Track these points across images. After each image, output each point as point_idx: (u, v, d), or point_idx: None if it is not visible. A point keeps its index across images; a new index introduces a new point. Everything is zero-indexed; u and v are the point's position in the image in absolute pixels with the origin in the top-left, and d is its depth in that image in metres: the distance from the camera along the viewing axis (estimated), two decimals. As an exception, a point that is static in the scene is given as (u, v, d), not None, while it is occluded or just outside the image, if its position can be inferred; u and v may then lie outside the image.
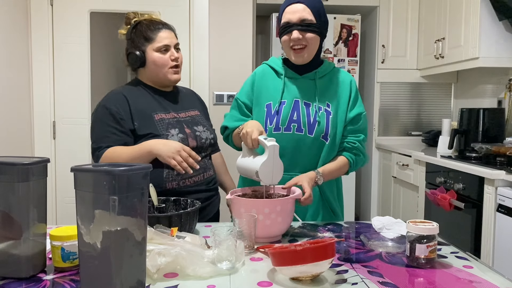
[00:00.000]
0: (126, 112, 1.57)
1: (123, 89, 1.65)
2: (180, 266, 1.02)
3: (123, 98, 1.59)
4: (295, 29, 1.48)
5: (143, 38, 1.62)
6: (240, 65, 3.15)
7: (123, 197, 0.88)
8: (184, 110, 1.70)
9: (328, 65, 1.62)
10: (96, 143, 1.57)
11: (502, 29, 2.70)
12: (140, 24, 1.64)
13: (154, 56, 1.61)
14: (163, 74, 1.63)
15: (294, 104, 1.54)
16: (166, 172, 1.53)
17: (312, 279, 1.00)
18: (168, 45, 1.63)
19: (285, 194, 1.40)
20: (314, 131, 1.52)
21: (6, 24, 2.68)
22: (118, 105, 1.57)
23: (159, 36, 1.62)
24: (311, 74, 1.58)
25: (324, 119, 1.53)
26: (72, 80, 3.03)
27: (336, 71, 1.63)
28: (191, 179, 1.59)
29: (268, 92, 1.59)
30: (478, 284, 0.99)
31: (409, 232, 1.11)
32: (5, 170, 0.99)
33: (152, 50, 1.62)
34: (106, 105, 1.58)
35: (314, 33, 1.50)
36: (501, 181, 2.13)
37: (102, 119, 1.57)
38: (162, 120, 1.59)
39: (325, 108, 1.54)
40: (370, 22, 3.83)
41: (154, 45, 1.61)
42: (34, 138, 3.01)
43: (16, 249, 1.00)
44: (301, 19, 1.48)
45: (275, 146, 1.35)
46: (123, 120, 1.56)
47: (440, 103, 3.74)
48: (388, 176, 3.53)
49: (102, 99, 1.63)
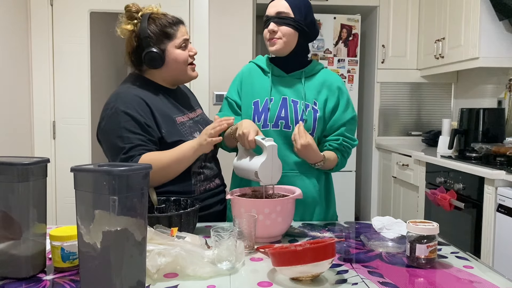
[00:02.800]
0: (151, 119, 1.44)
1: (136, 90, 1.49)
2: (180, 266, 1.02)
3: (143, 102, 1.45)
4: (271, 21, 1.52)
5: (163, 35, 1.50)
6: (240, 65, 3.10)
7: (123, 197, 0.88)
8: (191, 109, 1.65)
9: (316, 65, 1.63)
10: (126, 153, 1.39)
11: (502, 29, 2.70)
12: (158, 20, 1.51)
13: (176, 53, 1.52)
14: (183, 71, 1.55)
15: (282, 101, 1.56)
16: (194, 179, 1.52)
17: (312, 279, 1.00)
18: (187, 40, 1.56)
19: (285, 194, 1.40)
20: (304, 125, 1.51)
21: (6, 24, 2.68)
22: (140, 110, 1.43)
23: (180, 32, 1.53)
24: (297, 73, 1.59)
25: (311, 117, 1.54)
26: (72, 80, 3.03)
27: (325, 73, 1.63)
28: (214, 182, 1.58)
29: (254, 90, 1.59)
30: (478, 284, 0.99)
31: (409, 232, 1.11)
32: (5, 170, 0.99)
33: (173, 47, 1.51)
34: (126, 111, 1.41)
35: (289, 26, 1.51)
36: (501, 181, 2.12)
37: (126, 126, 1.40)
38: (183, 124, 1.53)
39: (312, 106, 1.55)
40: (370, 22, 3.83)
41: (175, 42, 1.51)
42: (34, 138, 3.01)
43: (16, 249, 1.00)
44: (277, 11, 1.52)
45: (273, 146, 1.35)
46: (151, 128, 1.43)
47: (440, 103, 3.75)
48: (388, 176, 3.53)
49: (117, 100, 1.44)
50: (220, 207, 1.60)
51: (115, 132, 1.41)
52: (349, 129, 1.59)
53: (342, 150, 1.58)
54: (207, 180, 1.55)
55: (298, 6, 1.53)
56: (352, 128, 1.61)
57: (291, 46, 1.55)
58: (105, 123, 1.45)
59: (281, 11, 1.52)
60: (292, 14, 1.52)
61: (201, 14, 3.07)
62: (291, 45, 1.55)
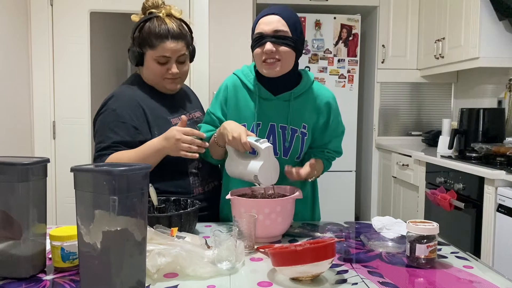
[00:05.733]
0: (141, 121, 1.46)
1: (133, 90, 1.52)
2: (180, 266, 1.02)
3: (136, 103, 1.48)
4: (268, 40, 1.39)
5: (145, 41, 1.48)
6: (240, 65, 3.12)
7: (123, 197, 0.88)
8: (190, 110, 1.65)
9: (306, 82, 1.52)
10: (99, 151, 1.44)
11: (502, 29, 2.70)
12: (149, 23, 1.48)
13: (150, 64, 1.50)
14: (158, 82, 1.54)
15: (270, 128, 1.49)
16: (192, 179, 1.52)
17: (312, 279, 1.00)
18: (169, 57, 1.49)
19: (285, 194, 1.40)
20: (289, 154, 1.50)
21: (6, 24, 2.68)
22: (130, 111, 1.45)
23: (162, 47, 1.47)
24: (285, 95, 1.48)
25: (299, 142, 1.50)
26: (72, 80, 3.03)
27: (315, 88, 1.53)
28: (213, 183, 1.58)
29: (241, 112, 1.50)
30: (478, 284, 0.99)
31: (409, 232, 1.11)
32: (5, 170, 0.99)
33: (151, 57, 1.49)
34: (116, 111, 1.45)
35: (288, 46, 1.40)
36: (501, 181, 2.12)
37: (110, 125, 1.44)
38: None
39: (300, 131, 1.50)
40: (370, 22, 3.83)
41: (154, 53, 1.48)
42: (34, 138, 3.01)
43: (16, 249, 1.00)
44: (275, 29, 1.39)
45: (269, 147, 1.33)
46: (137, 130, 1.45)
47: (440, 103, 3.75)
48: (388, 176, 3.53)
49: (111, 99, 1.49)
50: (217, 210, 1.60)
51: (100, 129, 1.47)
52: (335, 141, 1.58)
53: (328, 158, 1.58)
54: (204, 181, 1.55)
55: (293, 23, 1.42)
56: (339, 141, 1.60)
57: (287, 68, 1.45)
58: (97, 119, 1.50)
59: (279, 29, 1.39)
60: (290, 33, 1.40)
61: (201, 14, 3.07)
62: (289, 67, 1.45)
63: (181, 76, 1.56)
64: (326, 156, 1.58)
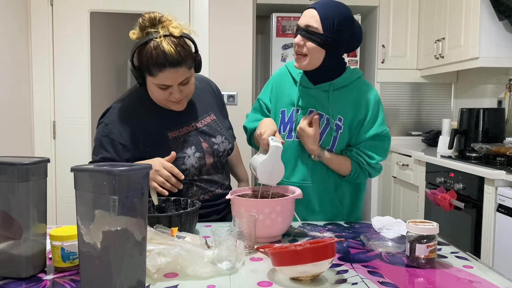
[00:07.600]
0: (132, 138, 1.46)
1: (132, 103, 1.52)
2: (180, 266, 1.02)
3: (130, 120, 1.47)
4: (299, 33, 1.45)
5: (144, 67, 1.42)
6: (240, 65, 3.16)
7: (123, 197, 0.88)
8: (200, 117, 1.57)
9: (350, 75, 1.52)
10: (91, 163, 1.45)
11: (502, 29, 2.70)
12: (147, 49, 1.38)
13: (152, 88, 1.46)
14: (162, 104, 1.50)
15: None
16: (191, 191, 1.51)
17: (312, 279, 1.00)
18: (169, 85, 1.42)
19: (285, 194, 1.40)
20: (320, 142, 1.50)
21: (6, 24, 2.68)
22: (121, 128, 1.46)
23: (161, 76, 1.39)
24: (325, 85, 1.51)
25: (331, 134, 1.50)
26: (72, 80, 3.03)
27: (359, 83, 1.54)
28: (210, 193, 1.55)
29: (283, 99, 1.59)
30: (478, 284, 0.99)
31: (409, 232, 1.11)
32: (5, 170, 0.99)
33: (151, 82, 1.44)
34: (108, 126, 1.47)
35: (315, 43, 1.42)
36: (501, 181, 2.12)
37: (102, 140, 1.47)
38: (177, 138, 1.49)
39: (336, 122, 1.50)
40: (370, 22, 3.83)
41: (154, 80, 1.42)
42: (34, 138, 3.01)
43: (16, 249, 1.00)
44: (306, 24, 1.43)
45: (277, 147, 1.35)
46: (126, 148, 1.46)
47: (440, 103, 3.74)
48: (388, 176, 3.53)
49: (109, 111, 1.50)
50: (217, 217, 1.57)
51: (95, 141, 1.51)
52: (370, 145, 1.51)
53: (358, 161, 1.52)
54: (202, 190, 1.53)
55: (329, 21, 1.41)
56: (375, 145, 1.52)
57: (315, 64, 1.46)
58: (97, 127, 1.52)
59: (310, 24, 1.42)
60: (321, 30, 1.41)
61: (201, 14, 3.07)
62: (316, 63, 1.46)
63: (186, 96, 1.50)
64: (356, 157, 1.52)
